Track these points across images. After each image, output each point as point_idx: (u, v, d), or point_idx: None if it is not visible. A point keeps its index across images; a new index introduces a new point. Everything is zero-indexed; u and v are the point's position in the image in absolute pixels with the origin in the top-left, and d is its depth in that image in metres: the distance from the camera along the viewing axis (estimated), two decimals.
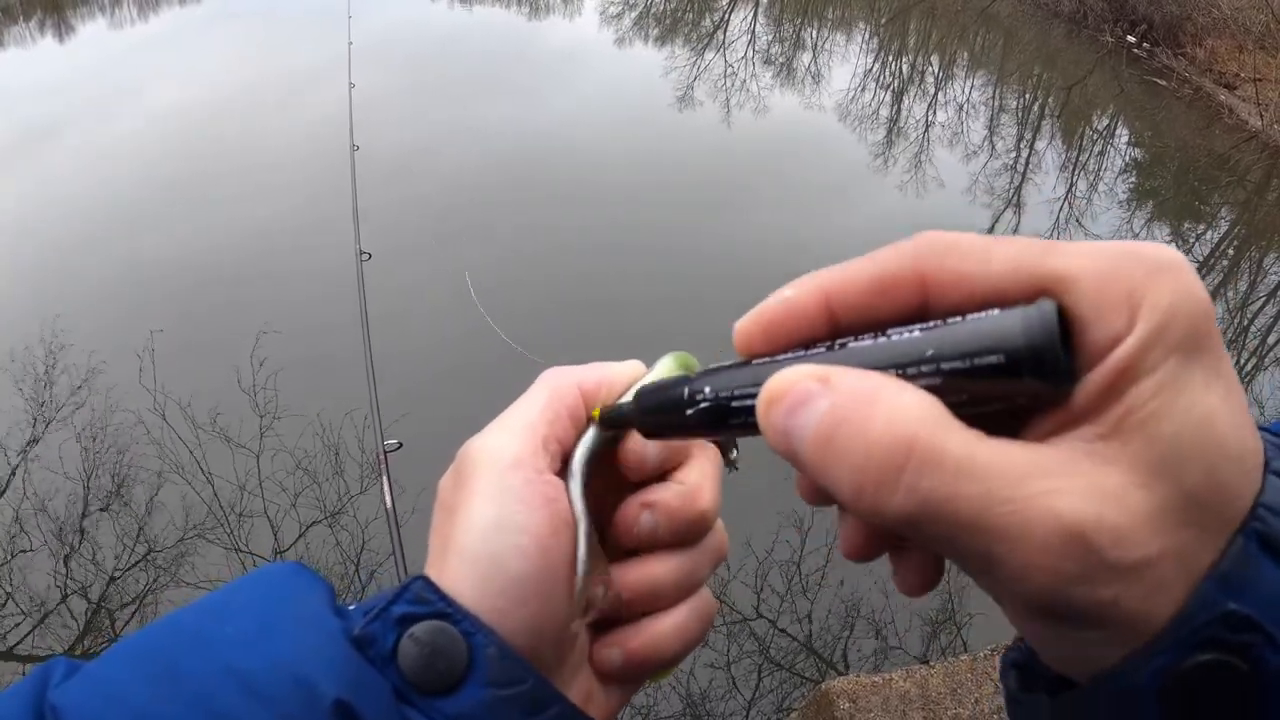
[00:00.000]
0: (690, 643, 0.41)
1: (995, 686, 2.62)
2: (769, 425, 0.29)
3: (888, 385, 0.27)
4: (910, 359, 0.28)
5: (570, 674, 0.40)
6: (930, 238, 0.30)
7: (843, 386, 0.28)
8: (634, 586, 0.40)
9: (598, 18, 13.72)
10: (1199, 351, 0.26)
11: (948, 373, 0.27)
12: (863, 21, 14.43)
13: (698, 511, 0.41)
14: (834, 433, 0.27)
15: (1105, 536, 0.25)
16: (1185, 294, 0.26)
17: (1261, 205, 8.44)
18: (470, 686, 0.34)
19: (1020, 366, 0.26)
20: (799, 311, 0.32)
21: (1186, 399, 0.25)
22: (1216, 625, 0.25)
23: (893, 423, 0.26)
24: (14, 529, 4.53)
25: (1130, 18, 11.77)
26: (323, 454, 4.79)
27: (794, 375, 0.29)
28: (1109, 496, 0.25)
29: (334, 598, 0.37)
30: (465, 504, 0.37)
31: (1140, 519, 0.25)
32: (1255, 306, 6.83)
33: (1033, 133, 10.13)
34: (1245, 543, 0.26)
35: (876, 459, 0.26)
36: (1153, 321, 0.25)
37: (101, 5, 14.68)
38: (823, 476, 0.28)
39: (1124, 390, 0.25)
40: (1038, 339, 0.25)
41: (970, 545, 0.26)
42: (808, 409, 0.28)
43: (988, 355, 0.26)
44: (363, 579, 4.24)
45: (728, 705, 3.77)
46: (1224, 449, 0.26)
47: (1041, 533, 0.25)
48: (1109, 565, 0.25)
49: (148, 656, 0.34)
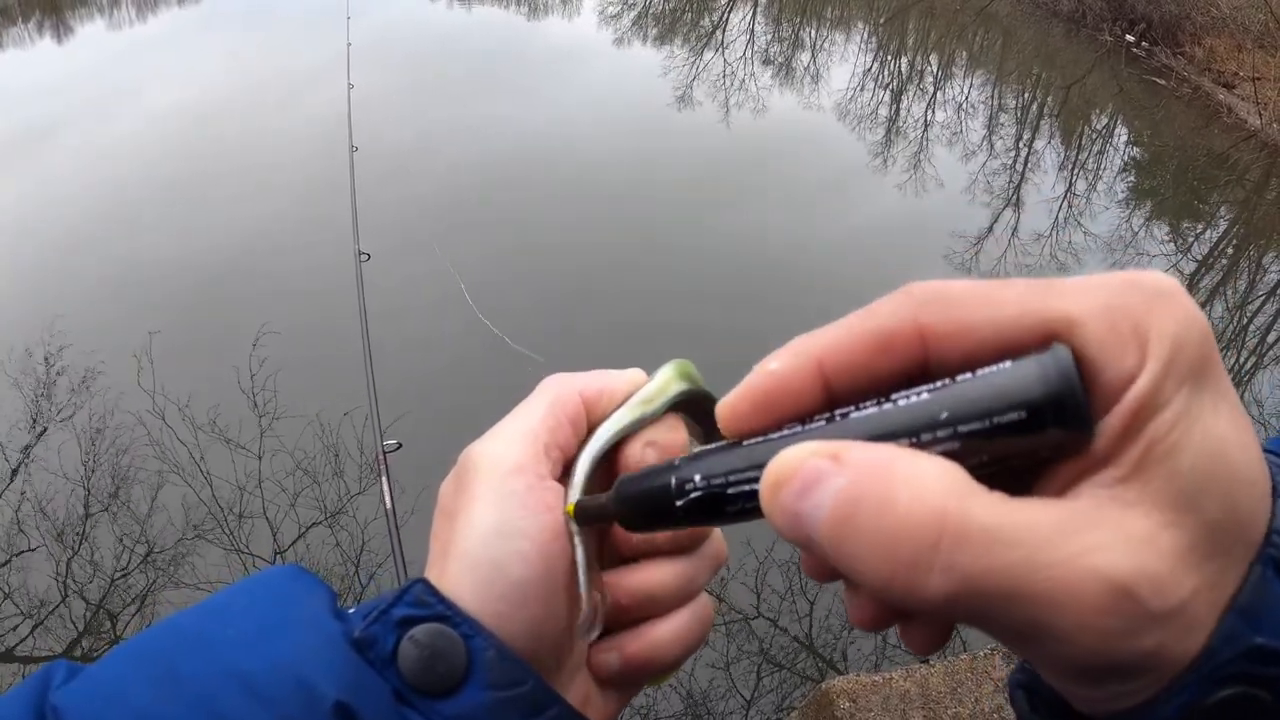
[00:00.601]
0: (688, 648, 0.41)
1: (995, 685, 2.62)
2: (777, 510, 0.28)
3: (903, 456, 0.26)
4: (923, 424, 0.26)
5: (568, 677, 0.40)
6: (925, 288, 0.28)
7: (854, 461, 0.26)
8: (632, 592, 0.40)
9: (596, 17, 13.72)
10: (1205, 378, 0.25)
11: (965, 435, 0.26)
12: (861, 21, 14.43)
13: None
14: (853, 514, 0.25)
15: (1147, 587, 0.24)
16: (1188, 321, 0.25)
17: (1260, 204, 8.44)
18: (470, 689, 0.34)
19: (1044, 419, 0.25)
20: (790, 383, 0.30)
21: (1200, 429, 0.25)
22: (1241, 660, 0.25)
23: (919, 498, 0.25)
24: (13, 530, 4.53)
25: (1129, 17, 11.78)
26: (322, 455, 4.79)
27: (800, 454, 0.27)
28: (1143, 544, 0.24)
29: (334, 601, 0.37)
30: (466, 509, 0.37)
31: (1173, 561, 0.24)
32: (1254, 305, 6.83)
33: (1031, 132, 10.13)
34: (1263, 570, 0.25)
35: (906, 540, 0.25)
36: (1162, 354, 0.25)
37: (100, 6, 14.67)
38: (844, 562, 0.26)
39: (1140, 429, 0.25)
40: (1057, 388, 0.25)
41: (1015, 616, 0.25)
42: (820, 490, 0.26)
43: (1008, 412, 0.25)
44: (362, 580, 4.24)
45: (727, 704, 3.77)
46: (1239, 476, 0.25)
47: (1089, 595, 0.24)
48: (1152, 615, 0.24)
49: (149, 658, 0.34)
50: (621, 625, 0.41)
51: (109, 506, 4.65)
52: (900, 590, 0.25)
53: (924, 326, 0.28)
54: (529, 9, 14.60)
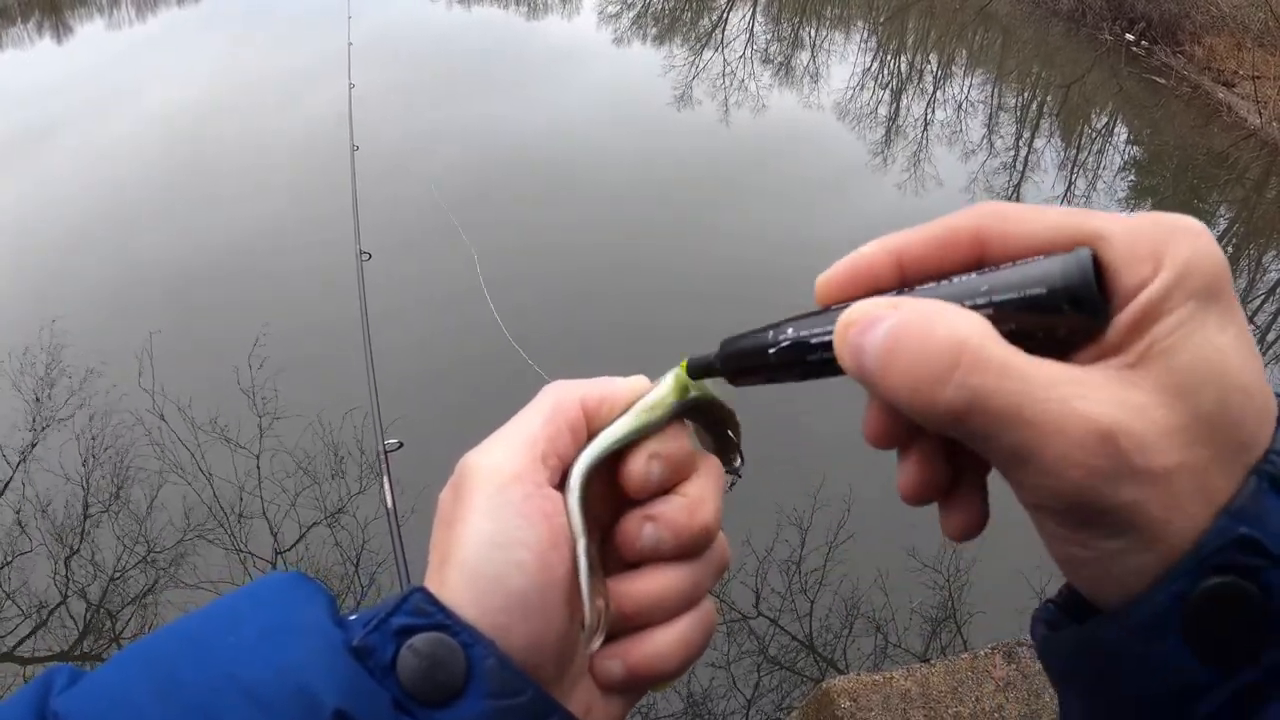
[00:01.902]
0: (692, 655, 0.41)
1: (996, 685, 2.62)
2: (844, 345, 0.33)
3: (946, 307, 0.32)
4: (968, 294, 0.32)
5: (570, 685, 0.40)
6: (987, 205, 0.34)
7: (908, 305, 0.32)
8: (636, 599, 0.40)
9: (596, 17, 13.72)
10: (1214, 300, 0.30)
11: (999, 304, 0.32)
12: (861, 20, 14.42)
13: (700, 524, 0.41)
14: (898, 341, 0.31)
15: (1131, 441, 0.28)
16: (1204, 251, 0.30)
17: (1260, 203, 8.45)
18: (469, 698, 0.35)
19: (1059, 298, 0.30)
20: (872, 265, 0.36)
21: (1201, 336, 0.29)
22: (1229, 549, 0.28)
23: (949, 331, 0.30)
24: (14, 530, 4.53)
25: (1129, 16, 11.77)
26: (322, 454, 4.79)
27: (869, 303, 0.33)
28: (1134, 408, 0.29)
29: (335, 607, 0.37)
30: (464, 519, 0.38)
31: (1161, 431, 0.29)
32: (1255, 304, 6.83)
33: (1031, 131, 10.13)
34: (1258, 482, 0.29)
35: (933, 359, 0.30)
36: (1174, 270, 0.29)
37: (100, 6, 14.67)
38: (885, 381, 0.32)
39: (1148, 327, 0.30)
40: (1074, 277, 0.30)
41: (1008, 439, 0.30)
42: (878, 326, 0.32)
43: (1033, 288, 0.31)
44: (363, 580, 4.24)
45: (728, 704, 3.77)
46: (1234, 381, 0.29)
47: (1075, 430, 0.29)
48: (1133, 468, 0.28)
49: (151, 664, 0.34)
50: (624, 632, 0.41)
51: (109, 507, 4.65)
52: (922, 400, 0.31)
53: (982, 232, 0.34)
54: (529, 8, 14.59)
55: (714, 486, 0.42)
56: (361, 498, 4.54)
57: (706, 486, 0.42)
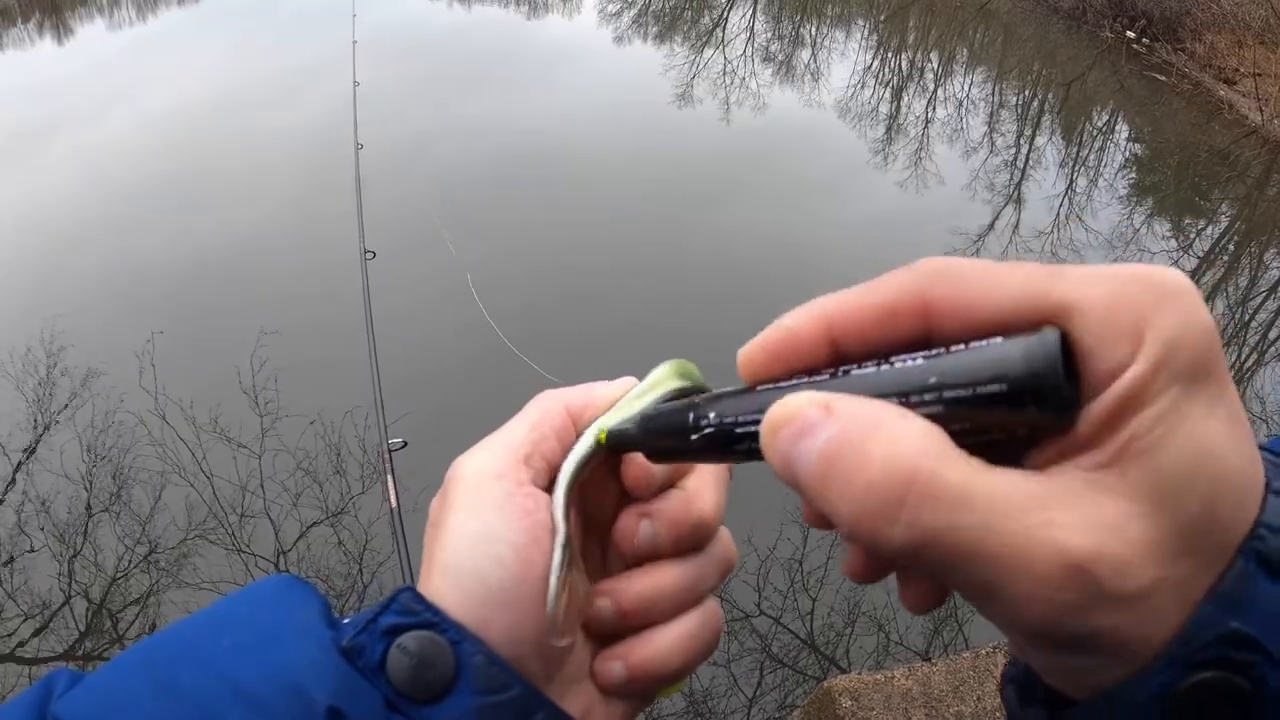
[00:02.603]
0: (697, 654, 0.41)
1: (998, 683, 2.62)
2: (773, 452, 0.30)
3: (889, 413, 0.27)
4: (913, 387, 0.28)
5: (564, 687, 0.39)
6: (935, 265, 0.30)
7: (844, 414, 0.28)
8: (635, 597, 0.40)
9: (596, 15, 13.72)
10: (1202, 380, 0.26)
11: (950, 400, 0.27)
12: (861, 18, 14.42)
13: (697, 517, 0.40)
14: (835, 462, 0.27)
15: (1105, 567, 0.25)
16: (1190, 322, 0.26)
17: (1262, 200, 8.43)
18: (458, 694, 0.35)
19: (1023, 395, 0.26)
20: (802, 339, 0.32)
21: (1187, 429, 0.25)
22: (1218, 644, 0.26)
23: (894, 454, 0.26)
24: (16, 531, 4.54)
25: (1129, 13, 11.76)
26: (325, 454, 4.79)
27: (797, 402, 0.29)
28: (1108, 527, 0.25)
29: (327, 608, 0.38)
30: (448, 519, 0.38)
31: (1139, 549, 0.25)
32: (1256, 302, 6.82)
33: (1032, 129, 10.12)
34: (1245, 562, 0.26)
35: (877, 491, 0.26)
36: (1156, 351, 0.25)
37: (100, 6, 14.67)
38: (823, 505, 0.28)
39: (1126, 420, 0.25)
40: (1040, 368, 0.26)
41: (970, 576, 0.26)
42: (810, 437, 0.28)
43: (990, 384, 0.26)
44: (365, 579, 4.24)
45: (730, 703, 3.77)
46: (1224, 479, 0.26)
47: (1041, 564, 0.25)
48: (1107, 595, 0.25)
49: (148, 667, 0.35)
50: (626, 632, 0.40)
51: (111, 507, 4.66)
52: (866, 536, 0.27)
53: (929, 300, 0.29)
54: (530, 7, 14.59)
55: (713, 479, 0.41)
56: (364, 498, 4.54)
57: (704, 478, 0.41)
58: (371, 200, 4.53)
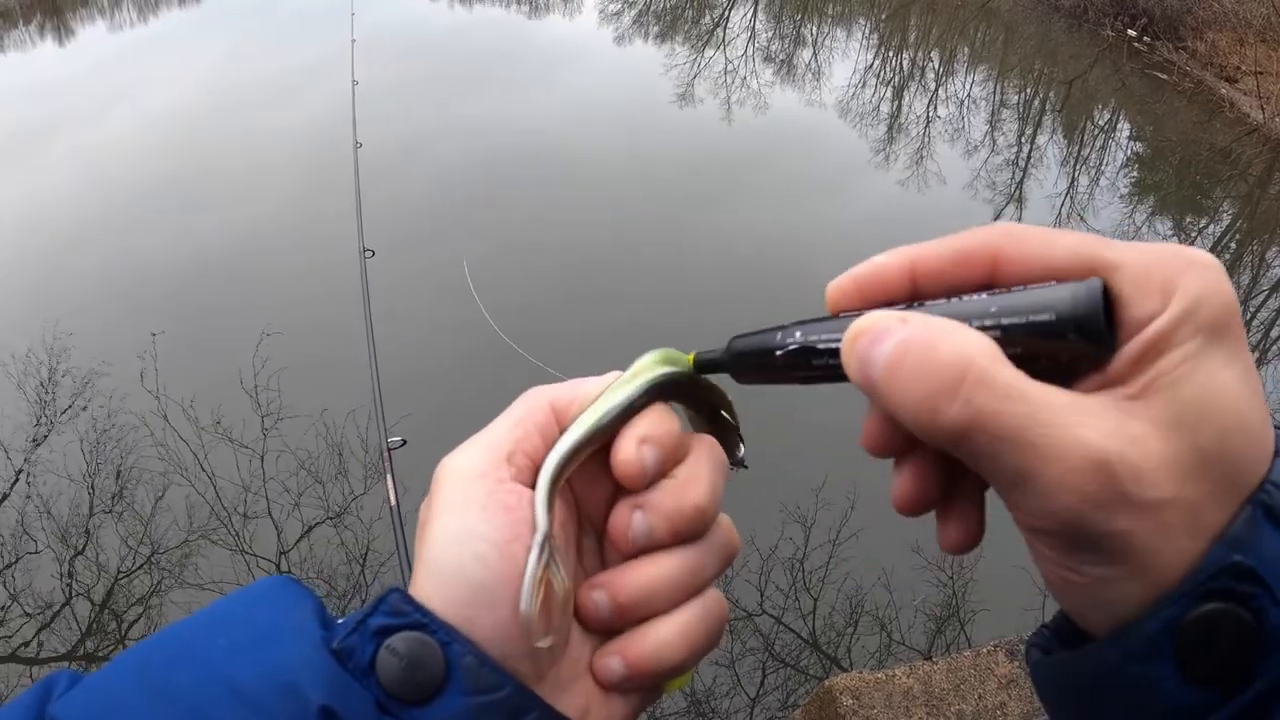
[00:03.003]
0: (698, 646, 0.40)
1: (999, 682, 2.62)
2: (852, 355, 0.34)
3: (954, 325, 0.32)
4: (977, 314, 0.32)
5: (561, 686, 0.39)
6: (1004, 226, 0.35)
7: (917, 321, 0.32)
8: (630, 590, 0.39)
9: (597, 16, 13.72)
10: (1222, 336, 0.30)
11: (1007, 327, 0.32)
12: (863, 17, 14.41)
13: (691, 504, 0.39)
14: (905, 355, 0.32)
15: (1126, 470, 0.29)
16: (1215, 286, 0.30)
17: (1264, 199, 8.42)
18: (448, 695, 0.35)
19: (1067, 325, 0.31)
20: (886, 275, 0.36)
21: (1205, 371, 0.29)
22: (1223, 576, 0.29)
23: (956, 349, 0.31)
24: (18, 532, 4.54)
25: (1131, 11, 11.75)
26: (326, 454, 4.80)
27: (878, 315, 0.33)
28: (1132, 439, 0.29)
29: (322, 608, 0.38)
30: (432, 520, 0.38)
31: (1157, 463, 0.29)
32: (1258, 300, 6.82)
33: (1034, 128, 10.11)
34: (1253, 510, 0.29)
35: (939, 375, 0.30)
36: (1183, 305, 0.30)
37: (101, 8, 14.69)
38: (890, 394, 0.32)
39: (1153, 360, 0.30)
40: (1083, 305, 0.30)
41: (1008, 459, 0.30)
42: (887, 339, 0.32)
43: (1041, 313, 0.31)
44: (367, 579, 4.25)
45: (732, 702, 3.77)
46: (1235, 418, 0.29)
47: (1073, 455, 0.29)
48: (1126, 497, 0.29)
49: (144, 669, 0.35)
50: (625, 626, 0.40)
51: (113, 508, 4.67)
52: (926, 416, 0.31)
53: (998, 250, 0.34)
54: (530, 7, 14.59)
55: (706, 465, 0.40)
56: (365, 497, 4.55)
57: (698, 465, 0.40)
58: (371, 199, 4.52)
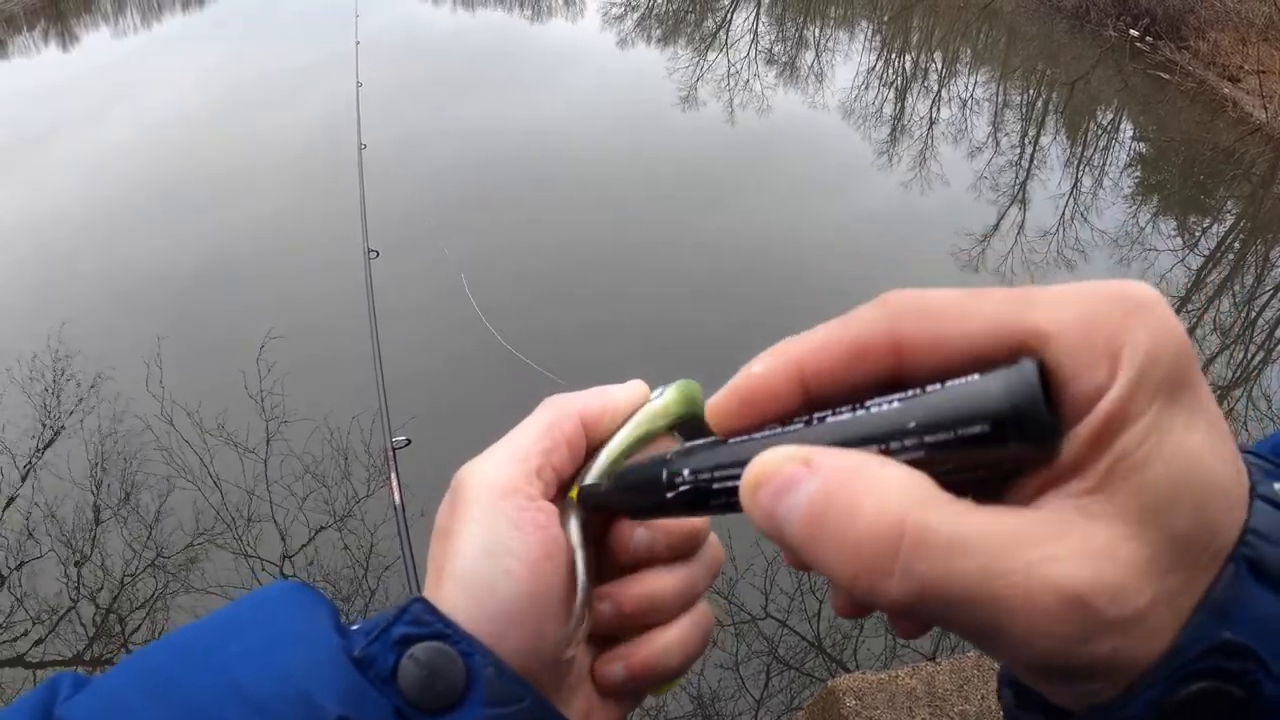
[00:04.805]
0: (692, 655, 0.42)
1: (996, 685, 2.62)
2: (755, 510, 0.29)
3: (871, 463, 0.27)
4: (891, 432, 0.27)
5: (569, 693, 0.40)
6: (901, 299, 0.29)
7: (825, 467, 0.27)
8: (635, 601, 0.40)
9: (600, 19, 13.74)
10: (1180, 391, 0.26)
11: (931, 445, 0.27)
12: (865, 19, 14.42)
13: (691, 526, 0.41)
14: (822, 519, 0.27)
15: (1102, 596, 0.25)
16: (1163, 334, 0.26)
17: (1267, 198, 8.41)
18: (469, 706, 0.35)
19: (1006, 432, 0.25)
20: (772, 386, 0.31)
21: (1171, 443, 0.25)
22: (1213, 655, 0.26)
23: (881, 507, 0.26)
24: (24, 536, 4.55)
25: (1133, 12, 11.75)
26: (331, 457, 4.80)
27: (777, 458, 0.28)
28: (1101, 555, 0.25)
29: (337, 616, 0.37)
30: (459, 530, 0.38)
31: (1133, 571, 0.25)
32: (1262, 300, 6.81)
33: (1037, 128, 10.11)
34: (1235, 567, 0.26)
35: (868, 546, 0.26)
36: (1134, 367, 0.25)
37: (105, 14, 14.74)
38: (815, 562, 0.28)
39: (1110, 442, 0.25)
40: (1021, 402, 0.25)
41: (970, 620, 0.26)
42: (793, 494, 0.28)
43: (973, 424, 0.26)
44: (372, 583, 4.25)
45: (737, 705, 3.77)
46: (1210, 489, 0.26)
47: (1041, 602, 0.25)
48: (1107, 623, 0.25)
49: (150, 673, 0.35)
50: (624, 635, 0.41)
51: (118, 512, 4.67)
52: (863, 592, 0.26)
53: (899, 337, 0.29)
54: (533, 11, 14.62)
55: None
56: (370, 501, 4.55)
57: None
58: (375, 200, 4.53)
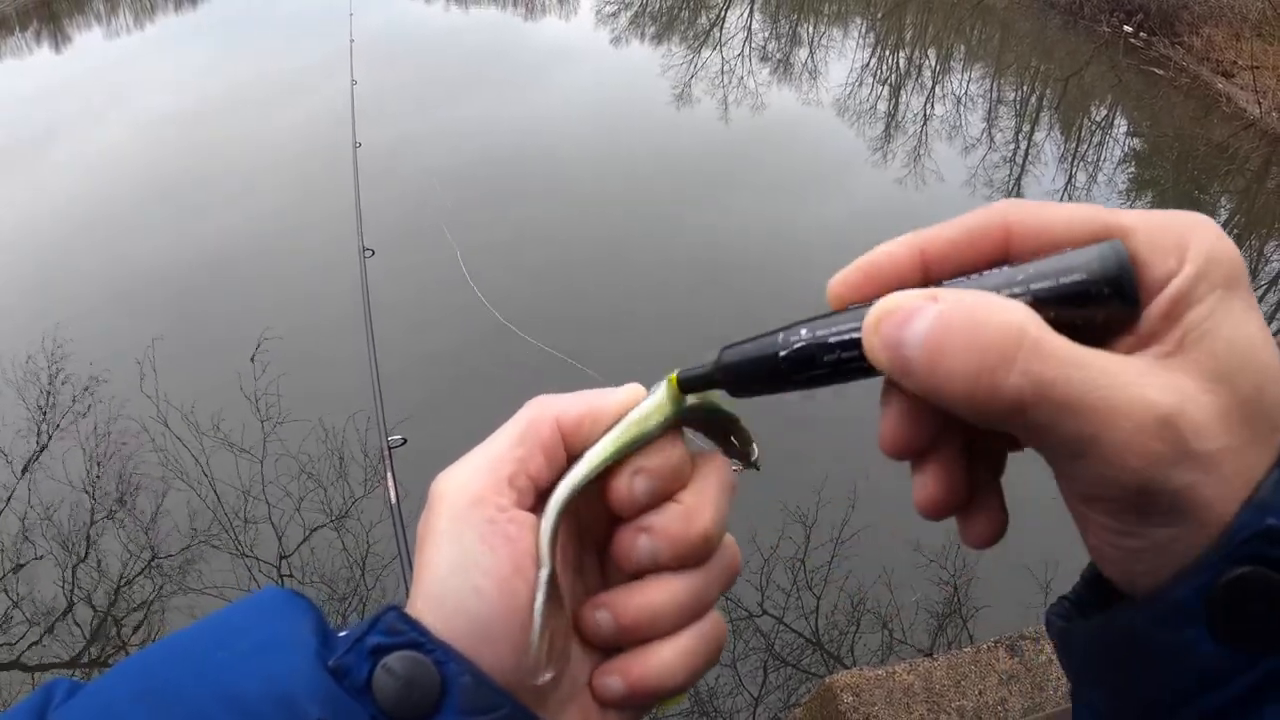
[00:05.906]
0: (696, 669, 0.39)
1: (999, 678, 2.62)
2: (877, 338, 0.32)
3: (992, 295, 0.31)
4: (1004, 285, 0.32)
5: (559, 706, 0.39)
6: (1013, 201, 0.34)
7: (949, 297, 0.31)
8: (633, 611, 0.39)
9: (593, 17, 13.72)
10: (1237, 290, 0.31)
11: (1037, 293, 0.31)
12: (859, 16, 14.41)
13: (698, 533, 0.38)
14: (948, 330, 0.30)
15: (1188, 425, 0.29)
16: (1222, 241, 0.31)
17: (1261, 193, 8.43)
18: (444, 714, 0.34)
19: (1100, 286, 0.31)
20: (894, 263, 0.35)
21: (1231, 323, 0.30)
22: (1256, 540, 0.29)
23: (1004, 318, 0.30)
24: (20, 539, 4.54)
25: (1126, 7, 11.75)
26: (327, 457, 4.79)
27: (902, 295, 0.32)
28: (1186, 394, 0.29)
29: (322, 622, 0.37)
30: (430, 544, 0.37)
31: (1211, 415, 0.29)
32: (1258, 293, 6.81)
33: (1031, 125, 10.12)
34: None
35: (991, 346, 0.29)
36: (1198, 262, 0.30)
37: (98, 14, 14.69)
38: (933, 374, 0.30)
39: (1180, 316, 0.30)
40: (1112, 265, 0.31)
41: (1070, 427, 0.29)
42: (918, 319, 0.31)
43: (1073, 275, 0.31)
44: (368, 584, 4.24)
45: (735, 701, 3.77)
46: (1267, 367, 0.30)
47: (1138, 415, 0.29)
48: (1191, 452, 0.29)
49: (141, 678, 0.35)
50: (626, 646, 0.39)
51: (114, 513, 4.66)
52: (984, 390, 0.30)
53: (1010, 224, 0.34)
54: (527, 9, 14.60)
55: (714, 491, 0.39)
56: (366, 501, 4.54)
57: (705, 491, 0.39)
58: (370, 198, 4.51)
